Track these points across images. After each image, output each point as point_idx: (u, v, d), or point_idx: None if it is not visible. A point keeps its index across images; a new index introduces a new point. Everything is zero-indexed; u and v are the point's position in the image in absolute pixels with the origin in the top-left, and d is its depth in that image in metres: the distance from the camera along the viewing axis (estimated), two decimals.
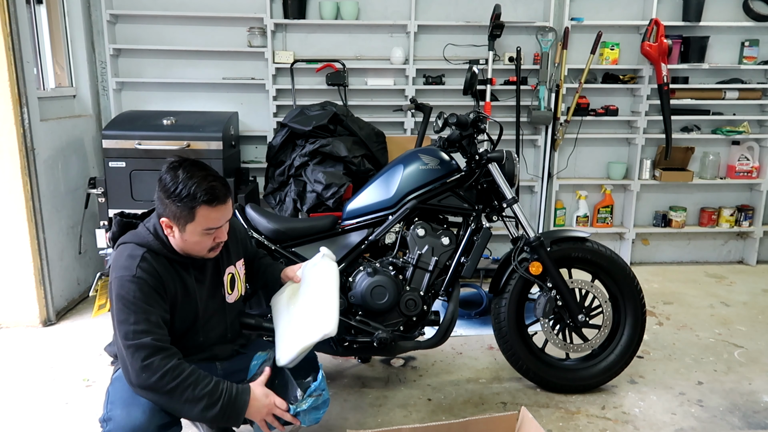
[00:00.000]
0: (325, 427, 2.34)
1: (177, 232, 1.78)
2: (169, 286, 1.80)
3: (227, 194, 1.80)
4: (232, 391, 1.71)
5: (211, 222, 1.77)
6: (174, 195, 1.73)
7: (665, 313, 3.63)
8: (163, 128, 3.39)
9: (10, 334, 3.23)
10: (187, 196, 1.72)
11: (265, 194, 3.61)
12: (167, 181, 1.75)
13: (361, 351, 2.55)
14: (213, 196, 1.74)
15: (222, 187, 1.78)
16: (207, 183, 1.74)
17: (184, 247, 1.82)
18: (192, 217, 1.74)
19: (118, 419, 1.67)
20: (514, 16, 4.23)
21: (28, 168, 3.19)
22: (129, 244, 1.81)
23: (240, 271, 2.07)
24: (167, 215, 1.77)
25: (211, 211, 1.75)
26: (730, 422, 2.45)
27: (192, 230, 1.77)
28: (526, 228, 2.54)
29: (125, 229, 1.94)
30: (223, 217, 1.81)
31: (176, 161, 1.79)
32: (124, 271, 1.73)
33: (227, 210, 1.81)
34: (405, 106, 4.03)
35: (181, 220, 1.76)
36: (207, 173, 1.78)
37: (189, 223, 1.76)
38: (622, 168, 4.51)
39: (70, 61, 3.95)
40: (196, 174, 1.75)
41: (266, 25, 4.04)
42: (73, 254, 3.65)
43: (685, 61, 4.35)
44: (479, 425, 1.98)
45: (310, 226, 2.57)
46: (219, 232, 1.83)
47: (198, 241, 1.80)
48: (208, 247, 1.84)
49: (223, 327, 2.01)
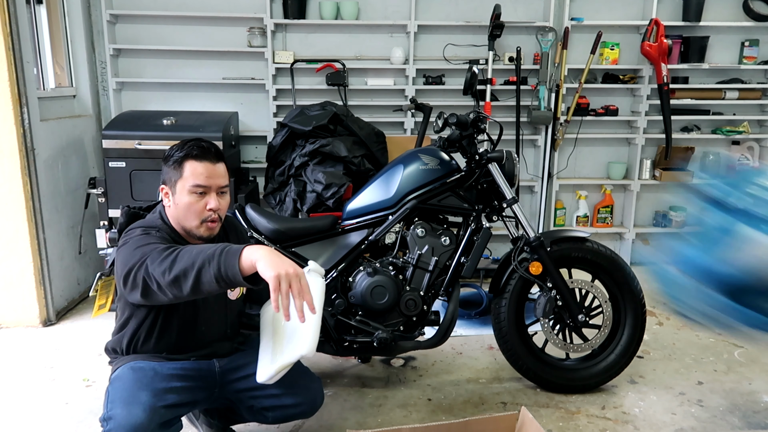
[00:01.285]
0: (325, 427, 2.34)
1: (171, 196, 1.85)
2: None
3: (217, 156, 1.88)
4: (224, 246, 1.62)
5: (197, 177, 1.82)
6: (168, 157, 1.87)
7: (665, 313, 3.63)
8: (163, 128, 3.39)
9: (10, 334, 3.23)
10: (178, 151, 1.85)
11: (265, 194, 3.61)
12: (166, 152, 1.89)
13: (361, 351, 2.55)
14: (200, 151, 1.84)
15: (210, 145, 1.88)
16: (195, 141, 1.87)
17: (177, 215, 1.86)
18: (180, 172, 1.82)
19: (119, 418, 1.67)
20: (514, 16, 4.23)
21: (28, 168, 3.19)
22: (138, 227, 1.84)
23: None
24: (164, 181, 1.87)
25: (197, 165, 1.82)
26: (730, 422, 2.45)
27: (181, 188, 1.82)
28: (526, 228, 2.54)
29: (132, 220, 1.97)
30: (211, 176, 1.84)
31: (181, 141, 1.92)
32: (141, 230, 1.79)
33: (217, 171, 1.86)
34: (405, 106, 4.03)
35: (172, 179, 1.84)
36: (200, 139, 1.90)
37: (178, 180, 1.82)
38: (622, 168, 4.51)
39: (70, 61, 3.95)
40: (190, 141, 1.89)
41: (266, 25, 4.04)
42: (73, 254, 3.65)
43: (685, 61, 4.35)
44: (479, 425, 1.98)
45: (310, 226, 2.57)
46: (209, 196, 1.84)
47: (188, 203, 1.82)
48: (200, 213, 1.83)
49: (224, 323, 2.02)
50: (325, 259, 2.53)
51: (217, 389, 1.97)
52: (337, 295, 2.49)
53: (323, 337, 2.53)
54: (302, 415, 2.09)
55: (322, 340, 2.53)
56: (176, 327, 1.86)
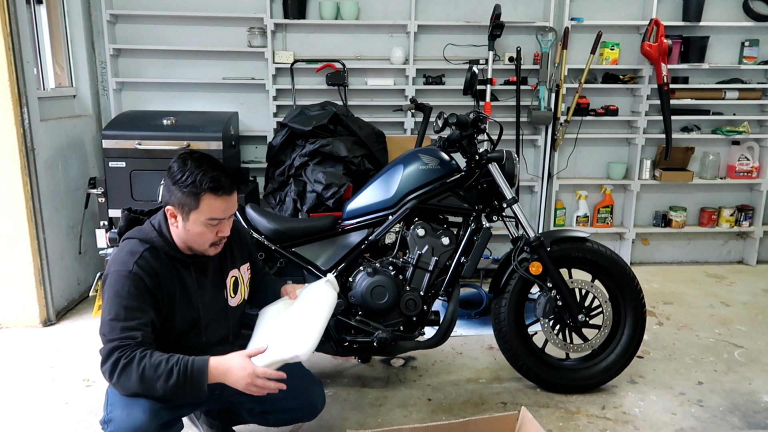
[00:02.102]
0: (325, 427, 2.34)
1: (181, 221, 1.79)
2: (168, 286, 1.80)
3: (233, 187, 1.81)
4: (187, 361, 1.68)
5: (214, 212, 1.77)
6: (180, 181, 1.75)
7: (665, 313, 3.63)
8: (163, 128, 3.39)
9: (10, 334, 3.23)
10: (193, 183, 1.73)
11: (265, 194, 3.61)
12: (175, 169, 1.77)
13: (361, 351, 2.55)
14: (218, 184, 1.75)
15: (228, 178, 1.80)
16: (214, 172, 1.76)
17: (186, 238, 1.81)
18: (196, 204, 1.75)
19: (119, 420, 1.67)
20: (514, 16, 4.23)
21: (28, 168, 3.19)
22: (132, 239, 1.82)
23: (244, 276, 2.06)
24: (173, 203, 1.78)
25: (215, 200, 1.76)
26: (730, 422, 2.45)
27: (195, 219, 1.77)
28: (526, 228, 2.54)
29: (132, 225, 1.96)
30: (227, 209, 1.80)
31: (187, 152, 1.83)
32: (121, 265, 1.75)
33: (232, 202, 1.82)
34: (405, 106, 4.03)
35: (185, 207, 1.76)
36: (215, 164, 1.80)
37: (193, 211, 1.76)
38: (622, 168, 4.51)
39: (70, 61, 3.95)
40: (204, 164, 1.77)
41: (266, 25, 4.04)
42: (73, 254, 3.65)
43: (685, 61, 4.35)
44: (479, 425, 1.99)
45: (310, 226, 2.57)
46: (222, 225, 1.82)
47: (200, 232, 1.79)
48: (210, 240, 1.82)
49: (226, 329, 2.01)
50: (325, 259, 2.53)
51: (218, 391, 1.96)
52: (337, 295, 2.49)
53: (323, 337, 2.52)
54: (302, 419, 2.09)
55: (323, 340, 2.52)
56: (177, 332, 1.86)
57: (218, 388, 1.95)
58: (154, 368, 1.63)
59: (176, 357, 1.67)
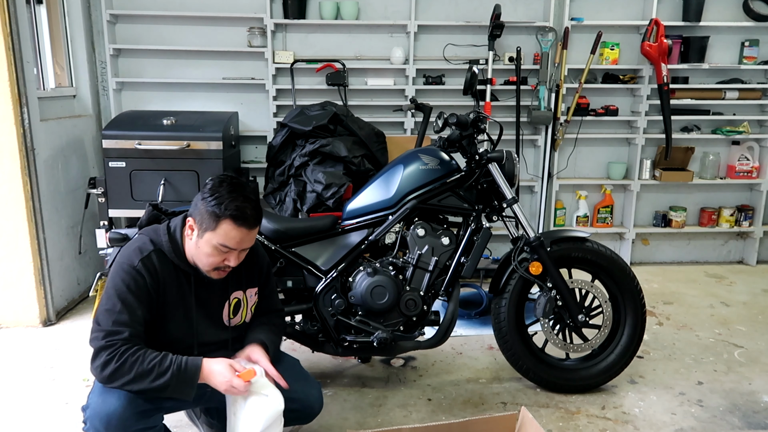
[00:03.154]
0: (325, 427, 2.34)
1: (195, 235, 1.79)
2: (166, 290, 1.81)
3: (256, 222, 1.80)
4: (181, 361, 1.70)
5: (228, 240, 1.76)
6: (209, 198, 1.76)
7: (665, 313, 3.63)
8: (163, 128, 3.39)
9: (10, 334, 3.23)
10: (218, 205, 1.74)
11: (265, 194, 3.61)
12: (209, 186, 1.79)
13: (361, 351, 2.55)
14: (242, 214, 1.74)
15: (254, 212, 1.78)
16: (241, 202, 1.75)
17: (194, 254, 1.81)
18: (214, 226, 1.74)
19: (94, 406, 1.70)
20: (514, 16, 4.23)
21: (28, 168, 3.19)
22: (144, 237, 1.84)
23: (249, 299, 2.02)
24: (195, 215, 1.79)
25: (233, 228, 1.74)
26: (730, 422, 2.45)
27: (208, 240, 1.76)
28: (526, 228, 2.54)
29: (152, 221, 1.98)
30: (242, 241, 1.78)
31: (228, 176, 1.83)
32: (127, 259, 1.78)
33: (249, 236, 1.80)
34: (405, 106, 4.03)
35: (203, 224, 1.76)
36: (249, 196, 1.78)
37: (209, 231, 1.75)
38: (622, 168, 4.51)
39: (70, 61, 3.95)
40: (237, 192, 1.77)
41: (266, 25, 4.04)
42: (73, 254, 3.65)
43: (685, 61, 4.35)
44: (479, 425, 1.99)
45: (310, 226, 2.57)
46: (231, 255, 1.80)
47: (209, 253, 1.78)
48: (215, 264, 1.81)
49: (224, 346, 1.97)
50: (325, 259, 2.53)
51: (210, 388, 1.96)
52: (337, 295, 2.49)
53: (323, 337, 2.53)
54: (299, 420, 2.07)
55: (323, 340, 2.53)
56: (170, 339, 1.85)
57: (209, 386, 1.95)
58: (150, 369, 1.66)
59: (170, 357, 1.70)
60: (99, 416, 1.67)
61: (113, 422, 1.67)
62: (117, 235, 2.33)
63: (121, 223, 3.67)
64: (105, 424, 1.67)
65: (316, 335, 2.53)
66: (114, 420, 1.67)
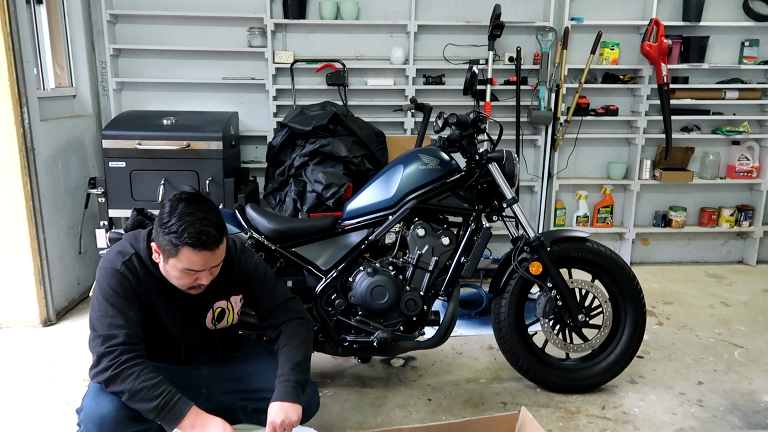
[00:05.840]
0: (325, 427, 2.34)
1: (162, 260, 1.78)
2: (150, 293, 1.81)
3: (217, 242, 1.74)
4: (173, 397, 1.68)
5: (192, 264, 1.73)
6: (165, 226, 1.71)
7: (665, 313, 3.63)
8: (163, 128, 3.39)
9: (10, 334, 3.23)
10: (175, 233, 1.68)
11: (265, 194, 3.61)
12: (166, 210, 1.73)
13: (361, 351, 2.55)
14: (199, 241, 1.69)
15: (214, 234, 1.72)
16: (200, 226, 1.69)
17: (166, 274, 1.80)
18: (175, 253, 1.71)
19: (88, 409, 1.70)
20: (514, 16, 4.23)
21: (28, 168, 3.19)
22: (125, 242, 1.85)
23: (235, 306, 2.01)
24: (156, 241, 1.76)
25: (193, 254, 1.70)
26: (730, 422, 2.45)
27: (174, 265, 1.74)
28: (526, 228, 2.54)
29: (137, 226, 1.98)
30: (206, 263, 1.75)
31: (186, 193, 1.76)
32: (110, 263, 1.79)
33: (213, 257, 1.75)
34: (405, 106, 4.03)
35: (165, 252, 1.74)
36: (206, 216, 1.72)
37: (171, 257, 1.73)
38: (622, 168, 4.51)
39: (70, 61, 3.95)
40: (195, 213, 1.71)
41: (266, 25, 4.04)
42: (73, 254, 3.65)
43: (685, 61, 4.35)
44: (479, 425, 1.99)
45: (310, 226, 2.57)
46: (201, 274, 1.78)
47: (178, 276, 1.77)
48: (188, 285, 1.80)
49: (213, 347, 1.99)
50: (325, 259, 2.53)
51: (205, 390, 1.96)
52: (337, 295, 2.49)
53: (324, 337, 2.53)
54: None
55: (323, 339, 2.53)
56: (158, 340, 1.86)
57: (204, 387, 1.95)
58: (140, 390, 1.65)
59: (163, 387, 1.67)
60: (92, 419, 1.67)
61: (106, 425, 1.67)
62: (117, 235, 2.32)
63: (121, 223, 3.66)
64: (98, 427, 1.67)
65: (316, 335, 2.53)
66: (107, 423, 1.67)
